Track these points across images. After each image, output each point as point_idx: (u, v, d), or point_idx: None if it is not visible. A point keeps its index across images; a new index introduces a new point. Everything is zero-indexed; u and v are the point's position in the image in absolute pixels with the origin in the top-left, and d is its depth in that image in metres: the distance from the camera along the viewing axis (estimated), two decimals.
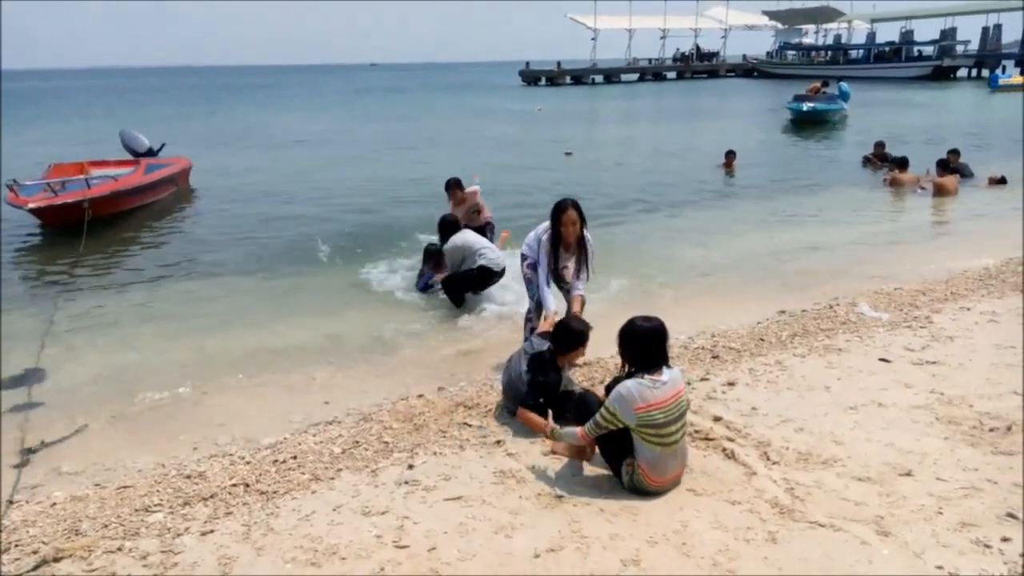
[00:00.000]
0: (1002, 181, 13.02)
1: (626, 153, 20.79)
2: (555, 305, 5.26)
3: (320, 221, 11.54)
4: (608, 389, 4.02)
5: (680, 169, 16.68)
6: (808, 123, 25.19)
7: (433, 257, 7.87)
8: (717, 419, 4.37)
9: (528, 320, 5.75)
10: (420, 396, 5.16)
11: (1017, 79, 48.17)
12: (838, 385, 4.84)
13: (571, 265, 5.46)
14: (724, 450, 3.96)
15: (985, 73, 59.33)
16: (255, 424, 4.95)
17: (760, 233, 10.41)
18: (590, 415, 3.72)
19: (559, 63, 74.74)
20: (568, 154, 19.67)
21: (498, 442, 4.33)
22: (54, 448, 4.75)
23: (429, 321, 7.00)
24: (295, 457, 4.27)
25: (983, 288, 7.01)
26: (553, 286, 5.46)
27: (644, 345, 3.60)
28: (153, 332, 6.87)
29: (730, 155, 16.35)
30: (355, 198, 13.48)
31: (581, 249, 5.36)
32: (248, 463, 4.26)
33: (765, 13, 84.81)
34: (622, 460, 3.66)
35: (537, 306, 5.53)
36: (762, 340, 5.93)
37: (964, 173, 13.36)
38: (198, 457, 4.49)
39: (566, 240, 5.27)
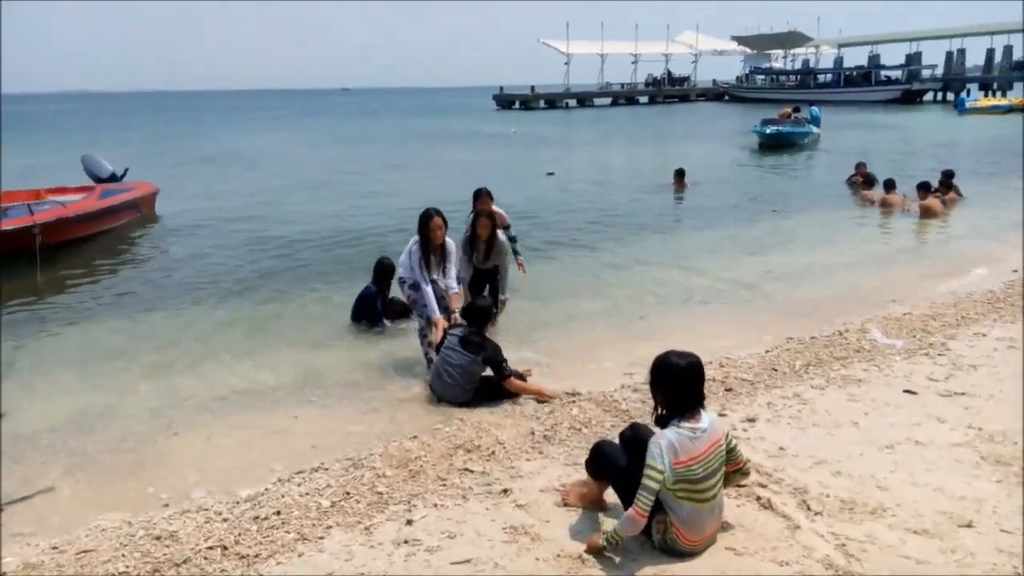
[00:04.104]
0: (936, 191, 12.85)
1: (603, 174, 20.62)
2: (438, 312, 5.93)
3: (294, 247, 11.03)
4: (623, 436, 3.63)
5: (656, 191, 16.48)
6: (776, 146, 25.21)
7: (387, 276, 7.21)
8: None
9: (424, 336, 6.15)
10: (414, 437, 4.72)
11: (984, 102, 49.22)
12: (866, 420, 4.50)
13: (441, 268, 6.17)
14: (759, 499, 3.58)
15: (950, 96, 60.58)
16: (232, 473, 4.48)
17: (751, 257, 10.12)
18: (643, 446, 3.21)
19: (533, 87, 75.06)
20: (550, 174, 19.45)
21: (504, 491, 3.91)
22: (7, 505, 4.24)
23: (416, 350, 6.56)
24: (278, 512, 3.81)
25: (993, 312, 6.77)
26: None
27: (681, 385, 3.19)
28: (118, 369, 6.34)
29: (679, 173, 16.32)
30: (329, 223, 12.96)
31: (443, 254, 6.11)
32: (225, 520, 3.79)
33: (734, 38, 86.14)
34: (652, 516, 3.26)
35: (428, 321, 6.04)
36: (775, 370, 5.59)
37: (956, 193, 13.31)
38: (169, 513, 4.00)
39: (434, 245, 5.99)
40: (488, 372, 5.37)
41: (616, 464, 3.40)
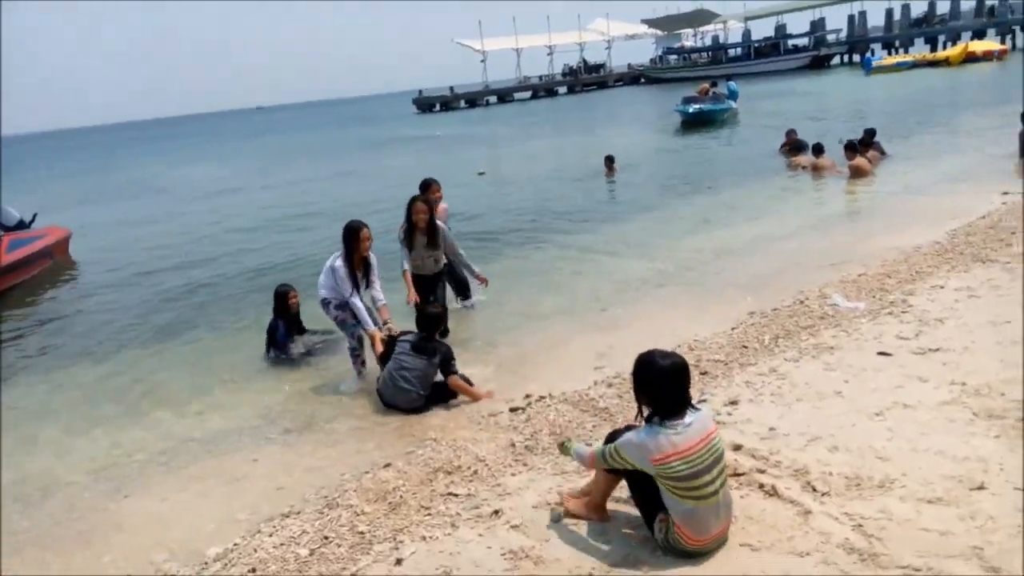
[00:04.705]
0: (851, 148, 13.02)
1: (533, 168, 20.45)
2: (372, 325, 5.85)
3: (222, 281, 10.46)
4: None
5: (587, 180, 16.41)
6: (698, 124, 25.54)
7: (285, 303, 6.87)
8: (737, 447, 3.85)
9: (355, 355, 6.07)
10: (387, 466, 4.43)
11: (888, 60, 51.12)
12: (849, 388, 4.42)
13: (366, 281, 6.05)
14: (762, 486, 3.43)
15: (856, 58, 62.71)
16: (195, 530, 4.10)
17: (697, 235, 10.10)
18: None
19: (452, 88, 74.66)
20: (481, 174, 19.22)
21: (495, 512, 3.67)
22: None
23: (370, 373, 6.22)
24: (253, 570, 3.48)
25: (945, 263, 6.84)
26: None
27: (665, 386, 3.02)
28: (55, 429, 5.83)
29: (609, 160, 16.40)
30: (258, 249, 12.38)
31: (367, 267, 6.00)
32: None
33: (644, 22, 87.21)
34: (655, 513, 3.07)
35: (360, 340, 6.01)
36: (745, 347, 5.50)
37: (879, 151, 13.60)
38: None
39: (359, 259, 5.90)
40: (438, 377, 5.42)
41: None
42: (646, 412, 3.14)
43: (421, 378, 5.32)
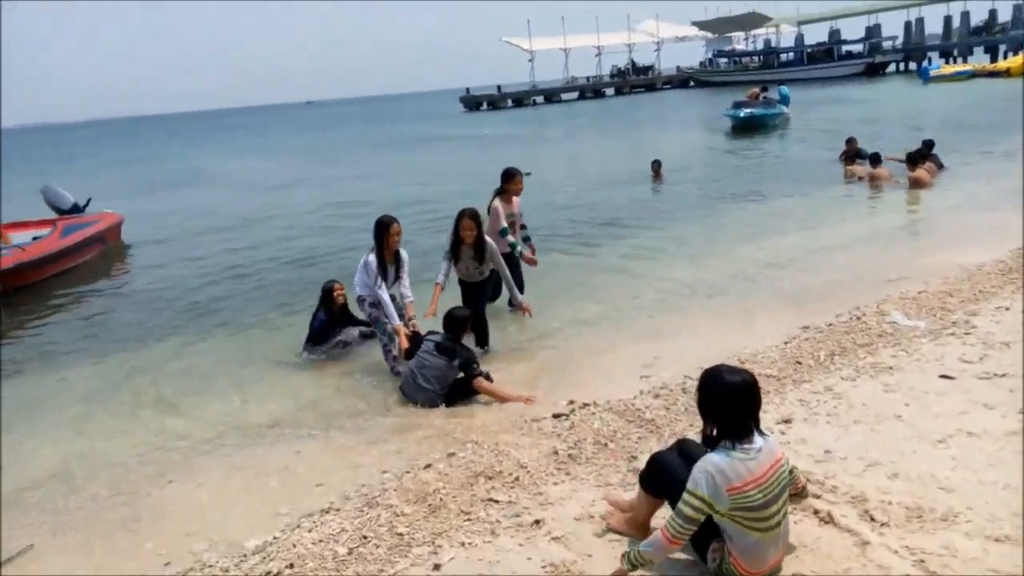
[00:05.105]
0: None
1: (579, 170, 20.34)
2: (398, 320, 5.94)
3: (273, 271, 10.62)
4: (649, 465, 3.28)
5: (633, 184, 16.21)
6: (749, 128, 25.04)
7: (330, 299, 6.89)
8: (791, 470, 3.70)
9: (387, 351, 6.14)
10: (428, 467, 4.38)
11: (947, 69, 49.68)
12: (909, 412, 4.24)
13: (397, 278, 6.15)
14: (817, 512, 3.29)
15: (912, 66, 61.14)
16: (236, 521, 4.11)
17: (747, 244, 9.86)
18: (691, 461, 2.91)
19: (499, 87, 74.73)
20: (527, 174, 19.11)
21: (536, 522, 3.59)
22: None
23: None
24: (291, 565, 3.46)
25: (1009, 283, 6.56)
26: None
27: (732, 406, 2.82)
28: (101, 413, 5.94)
29: (656, 164, 16.12)
30: (307, 242, 12.55)
31: (399, 263, 6.12)
32: None
33: (694, 24, 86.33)
34: (708, 541, 2.95)
35: (391, 337, 6.03)
36: (799, 363, 5.32)
37: (937, 164, 13.17)
38: (171, 573, 3.66)
39: (390, 253, 6.03)
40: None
41: (678, 478, 2.96)
42: (712, 431, 2.97)
43: (440, 378, 5.47)
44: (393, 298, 6.03)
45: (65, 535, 4.22)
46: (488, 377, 5.56)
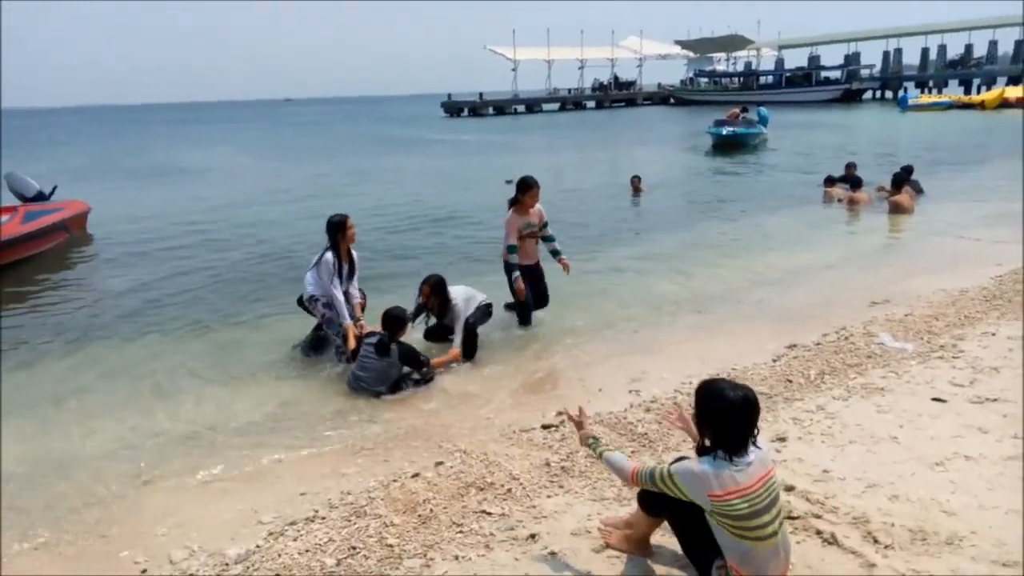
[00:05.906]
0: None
1: (559, 181, 20.26)
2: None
3: (247, 267, 10.35)
4: None
5: (612, 197, 16.23)
6: (730, 146, 25.38)
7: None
8: (790, 488, 3.66)
9: (340, 352, 6.21)
10: (416, 476, 4.27)
11: (925, 99, 50.87)
12: (904, 434, 4.23)
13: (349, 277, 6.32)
14: (819, 533, 3.24)
15: (888, 95, 62.42)
16: (217, 528, 3.94)
17: (731, 260, 9.88)
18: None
19: (481, 94, 74.81)
20: (508, 182, 19.05)
21: (531, 536, 3.51)
22: None
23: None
24: None
25: (993, 309, 6.63)
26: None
27: (732, 421, 2.78)
28: (73, 411, 5.68)
29: (636, 179, 16.21)
30: (282, 240, 12.28)
31: (352, 262, 6.31)
32: None
33: (677, 43, 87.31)
34: (711, 559, 2.89)
35: (344, 338, 6.12)
36: (789, 381, 5.31)
37: (916, 189, 13.34)
38: None
39: (346, 249, 6.20)
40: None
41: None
42: (707, 443, 2.94)
43: (379, 376, 5.66)
44: (346, 296, 6.23)
45: (33, 542, 3.97)
46: (428, 363, 5.90)
